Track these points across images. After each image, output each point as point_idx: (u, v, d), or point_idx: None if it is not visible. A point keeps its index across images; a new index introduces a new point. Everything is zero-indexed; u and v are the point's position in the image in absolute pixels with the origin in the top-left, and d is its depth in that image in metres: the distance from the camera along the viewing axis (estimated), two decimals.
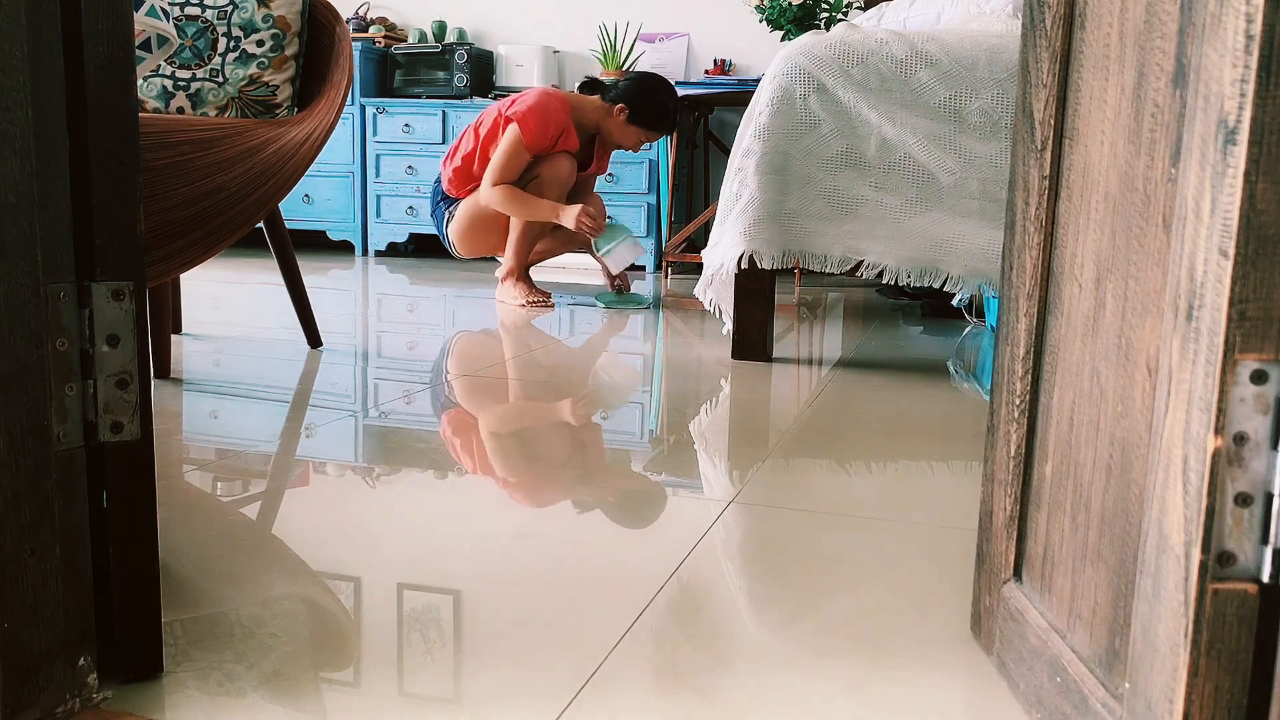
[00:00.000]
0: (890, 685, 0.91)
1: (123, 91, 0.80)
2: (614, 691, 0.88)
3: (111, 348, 0.80)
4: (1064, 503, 0.81)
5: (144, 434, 0.82)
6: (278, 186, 2.18)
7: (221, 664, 0.91)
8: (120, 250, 0.81)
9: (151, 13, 1.84)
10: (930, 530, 1.32)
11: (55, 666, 0.78)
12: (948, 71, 2.26)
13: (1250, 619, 0.57)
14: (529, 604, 1.06)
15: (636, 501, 1.41)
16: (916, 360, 2.61)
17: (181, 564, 1.14)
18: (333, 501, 1.38)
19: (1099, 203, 0.76)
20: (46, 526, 0.76)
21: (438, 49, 4.95)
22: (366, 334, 2.79)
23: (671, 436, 1.78)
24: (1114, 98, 0.74)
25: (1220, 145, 0.55)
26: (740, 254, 2.35)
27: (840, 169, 2.32)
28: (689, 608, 1.06)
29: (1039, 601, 0.86)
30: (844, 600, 1.09)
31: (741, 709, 0.86)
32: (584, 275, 4.51)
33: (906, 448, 1.72)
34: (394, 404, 1.96)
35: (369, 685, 0.88)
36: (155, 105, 2.29)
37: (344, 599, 1.06)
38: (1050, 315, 0.85)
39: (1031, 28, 0.88)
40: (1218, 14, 0.55)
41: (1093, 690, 0.72)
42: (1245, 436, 0.55)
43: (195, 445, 1.64)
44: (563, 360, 2.46)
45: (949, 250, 2.28)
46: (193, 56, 2.32)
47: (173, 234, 1.93)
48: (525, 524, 1.30)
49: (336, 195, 5.04)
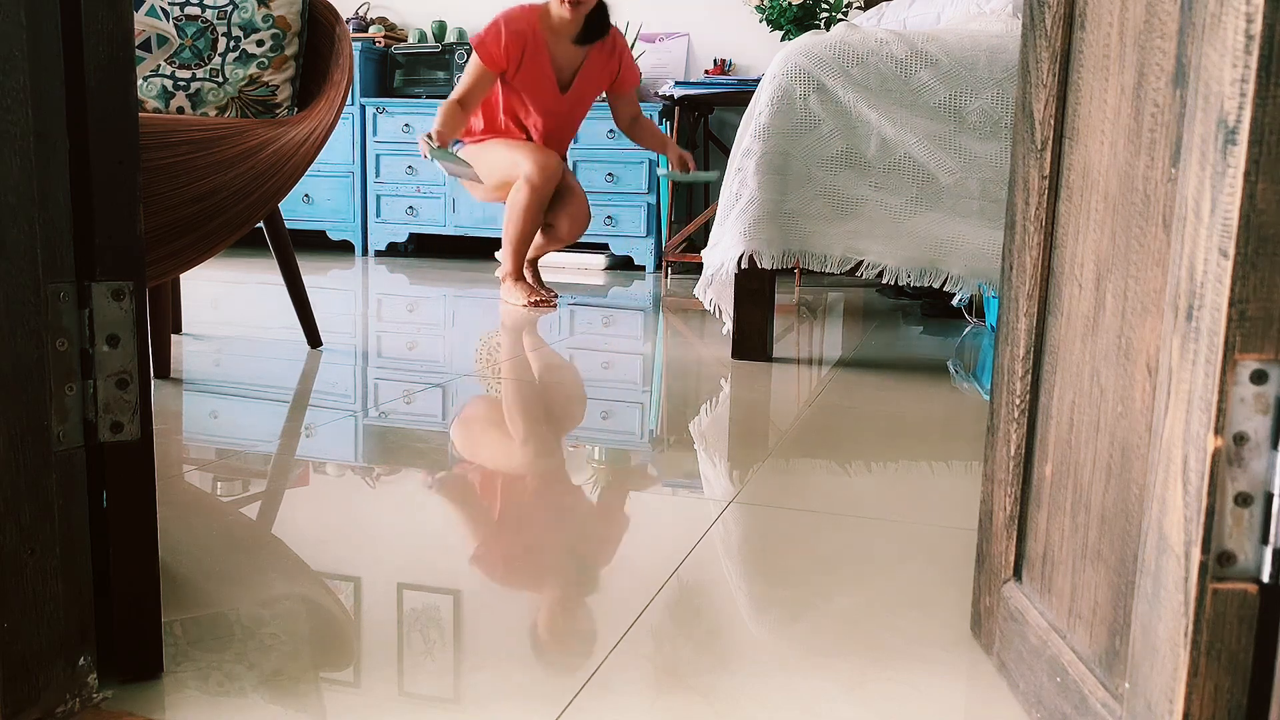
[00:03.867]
0: (890, 685, 0.91)
1: (123, 91, 0.80)
2: (614, 691, 0.88)
3: (111, 348, 0.80)
4: (1064, 503, 0.81)
5: (144, 434, 0.82)
6: (277, 186, 2.18)
7: (221, 664, 0.91)
8: (120, 250, 0.81)
9: (151, 13, 1.84)
10: (930, 530, 1.32)
11: (55, 666, 0.78)
12: (948, 71, 2.26)
13: (1250, 619, 0.57)
14: (529, 604, 1.06)
15: (636, 501, 1.41)
16: (916, 360, 2.61)
17: (181, 564, 1.14)
18: (333, 501, 1.38)
19: (1099, 203, 0.76)
20: (46, 526, 0.76)
21: (438, 49, 4.95)
22: (366, 334, 2.79)
23: (671, 436, 1.78)
24: (1114, 98, 0.74)
25: (1220, 145, 0.55)
26: (740, 254, 2.35)
27: (840, 169, 2.32)
28: (689, 608, 1.06)
29: (1039, 601, 0.86)
30: (844, 600, 1.09)
31: (741, 709, 0.86)
32: (583, 275, 4.51)
33: (906, 448, 1.72)
34: (394, 404, 1.96)
35: (369, 685, 0.88)
36: (155, 105, 2.29)
37: (344, 599, 1.06)
38: (1050, 315, 0.85)
39: (1031, 28, 0.88)
40: (1218, 14, 0.55)
41: (1093, 690, 0.72)
42: (1245, 436, 0.55)
43: (195, 445, 1.64)
44: (551, 363, 2.46)
45: (949, 250, 2.28)
46: (193, 56, 2.32)
47: (173, 234, 1.93)
48: (525, 524, 1.30)
49: (336, 195, 5.04)
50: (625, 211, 4.68)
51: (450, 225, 4.90)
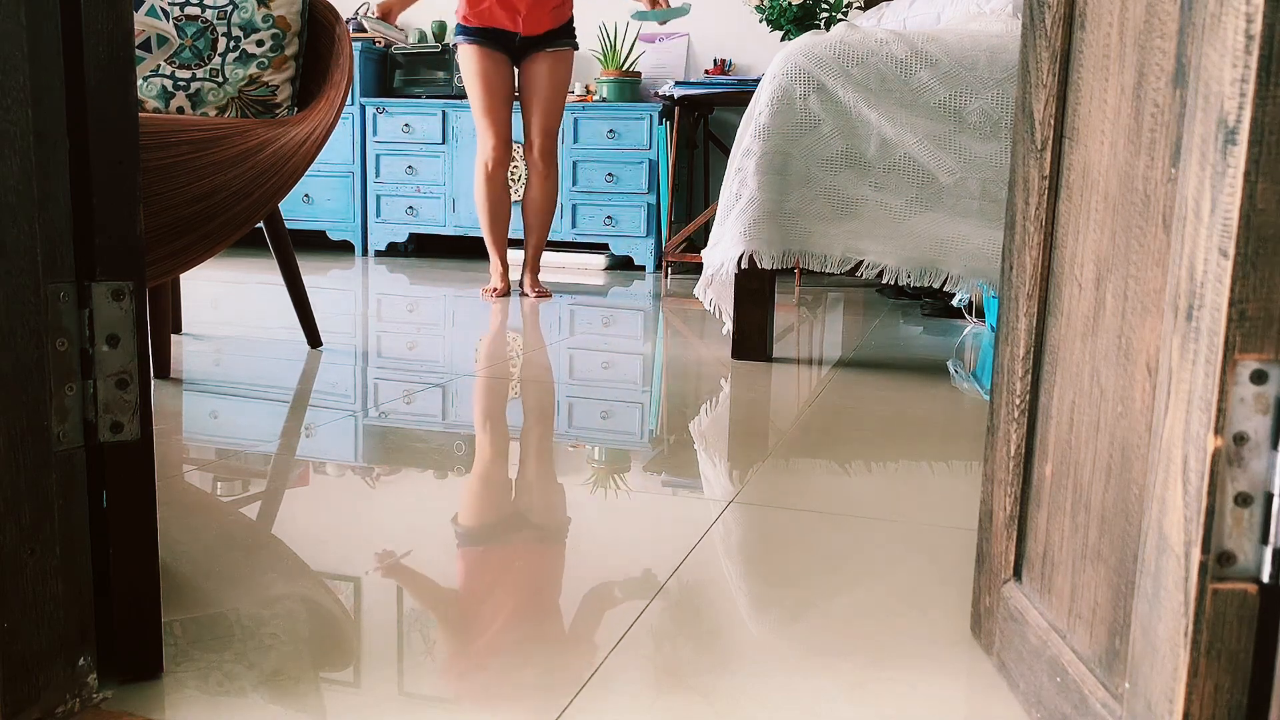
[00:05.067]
0: (890, 685, 0.91)
1: (123, 91, 0.80)
2: (614, 691, 0.88)
3: (111, 348, 0.80)
4: (1064, 503, 0.81)
5: (144, 434, 0.82)
6: (277, 186, 2.18)
7: (221, 664, 0.91)
8: (120, 250, 0.81)
9: (151, 13, 1.84)
10: (930, 530, 1.32)
11: (55, 666, 0.78)
12: (948, 71, 2.26)
13: (1250, 619, 0.57)
14: (529, 604, 1.06)
15: (636, 501, 1.41)
16: (916, 360, 2.61)
17: (181, 564, 1.14)
18: (333, 501, 1.38)
19: (1099, 202, 0.76)
20: (46, 526, 0.76)
21: (438, 49, 4.95)
22: (366, 334, 2.79)
23: (671, 436, 1.78)
24: (1114, 98, 0.74)
25: (1220, 145, 0.55)
26: (740, 254, 2.35)
27: (840, 169, 2.32)
28: (689, 608, 1.06)
29: (1039, 601, 0.86)
30: (844, 600, 1.09)
31: (741, 709, 0.86)
32: (584, 275, 4.51)
33: (906, 448, 1.72)
34: (394, 404, 1.96)
35: (369, 685, 0.88)
36: (155, 105, 2.29)
37: (344, 599, 1.06)
38: (1050, 315, 0.85)
39: (1031, 28, 0.88)
40: (1218, 14, 0.55)
41: (1093, 690, 0.72)
42: (1245, 436, 0.55)
43: (195, 445, 1.64)
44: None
45: (949, 250, 2.28)
46: (193, 56, 2.32)
47: (173, 234, 1.93)
48: (525, 524, 1.30)
49: (336, 195, 5.04)
50: (625, 211, 4.68)
51: (450, 225, 4.90)
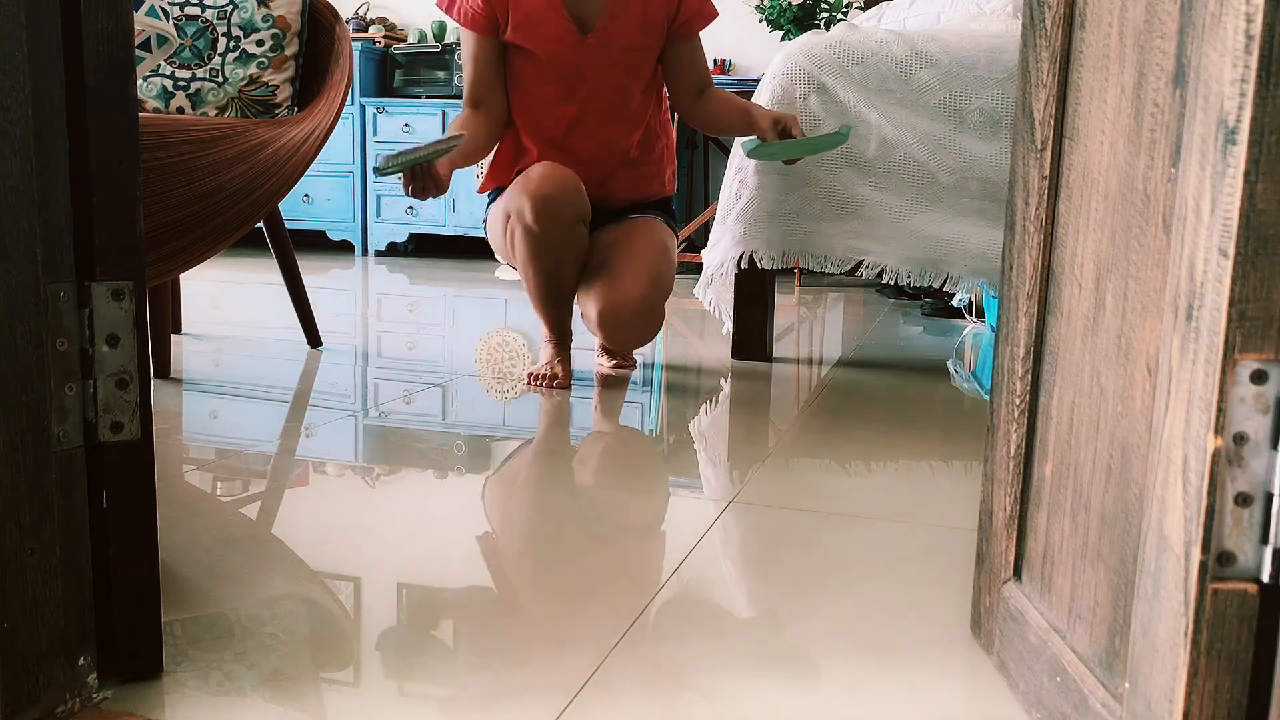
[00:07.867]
0: (890, 685, 0.91)
1: (123, 91, 0.80)
2: (614, 691, 0.88)
3: (111, 348, 0.80)
4: (1064, 503, 0.81)
5: (144, 434, 0.82)
6: (277, 186, 2.18)
7: (221, 664, 0.91)
8: (120, 250, 0.81)
9: (151, 13, 1.84)
10: (930, 530, 1.32)
11: (55, 666, 0.78)
12: (948, 71, 2.26)
13: (1250, 619, 0.57)
14: (529, 603, 1.06)
15: (636, 501, 1.41)
16: (916, 360, 2.60)
17: (181, 564, 1.14)
18: (333, 501, 1.38)
19: (1099, 203, 0.76)
20: (46, 526, 0.76)
21: (438, 49, 4.95)
22: (366, 334, 2.79)
23: (671, 436, 1.78)
24: (1114, 98, 0.74)
25: (1220, 145, 0.55)
26: (740, 254, 2.35)
27: (840, 169, 2.32)
28: (689, 608, 1.06)
29: (1039, 601, 0.86)
30: (844, 600, 1.09)
31: (741, 709, 0.86)
32: None
33: (906, 448, 1.72)
34: (394, 404, 1.96)
35: (369, 685, 0.88)
36: (155, 105, 2.29)
37: (344, 599, 1.06)
38: (1050, 315, 0.85)
39: (1031, 28, 0.88)
40: (1218, 14, 0.55)
41: (1093, 690, 0.72)
42: (1245, 436, 0.55)
43: (195, 445, 1.64)
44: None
45: (949, 250, 2.28)
46: (193, 56, 2.32)
47: (173, 234, 1.93)
48: (524, 524, 1.30)
49: (336, 195, 5.04)
50: None
51: (450, 225, 4.90)
